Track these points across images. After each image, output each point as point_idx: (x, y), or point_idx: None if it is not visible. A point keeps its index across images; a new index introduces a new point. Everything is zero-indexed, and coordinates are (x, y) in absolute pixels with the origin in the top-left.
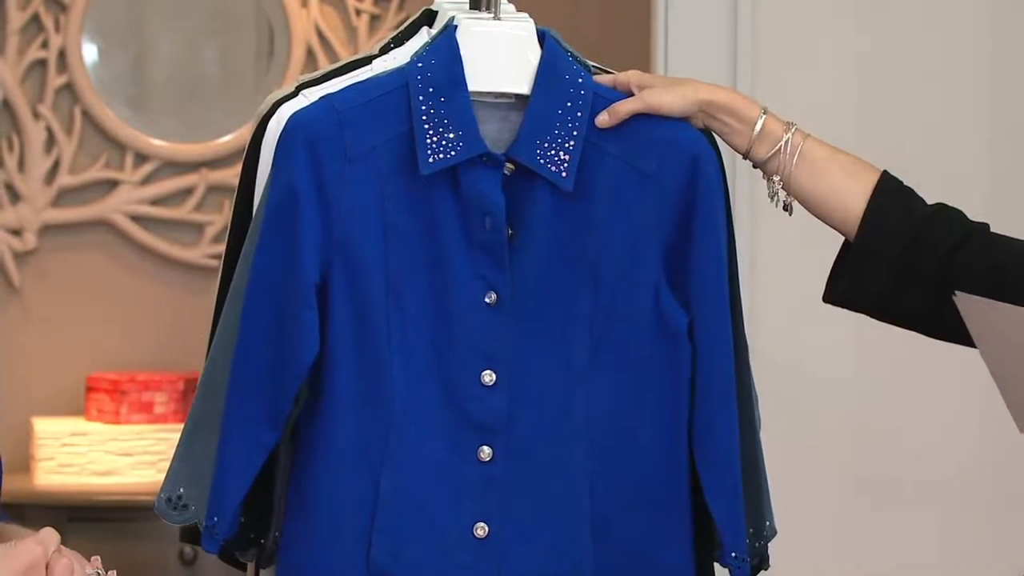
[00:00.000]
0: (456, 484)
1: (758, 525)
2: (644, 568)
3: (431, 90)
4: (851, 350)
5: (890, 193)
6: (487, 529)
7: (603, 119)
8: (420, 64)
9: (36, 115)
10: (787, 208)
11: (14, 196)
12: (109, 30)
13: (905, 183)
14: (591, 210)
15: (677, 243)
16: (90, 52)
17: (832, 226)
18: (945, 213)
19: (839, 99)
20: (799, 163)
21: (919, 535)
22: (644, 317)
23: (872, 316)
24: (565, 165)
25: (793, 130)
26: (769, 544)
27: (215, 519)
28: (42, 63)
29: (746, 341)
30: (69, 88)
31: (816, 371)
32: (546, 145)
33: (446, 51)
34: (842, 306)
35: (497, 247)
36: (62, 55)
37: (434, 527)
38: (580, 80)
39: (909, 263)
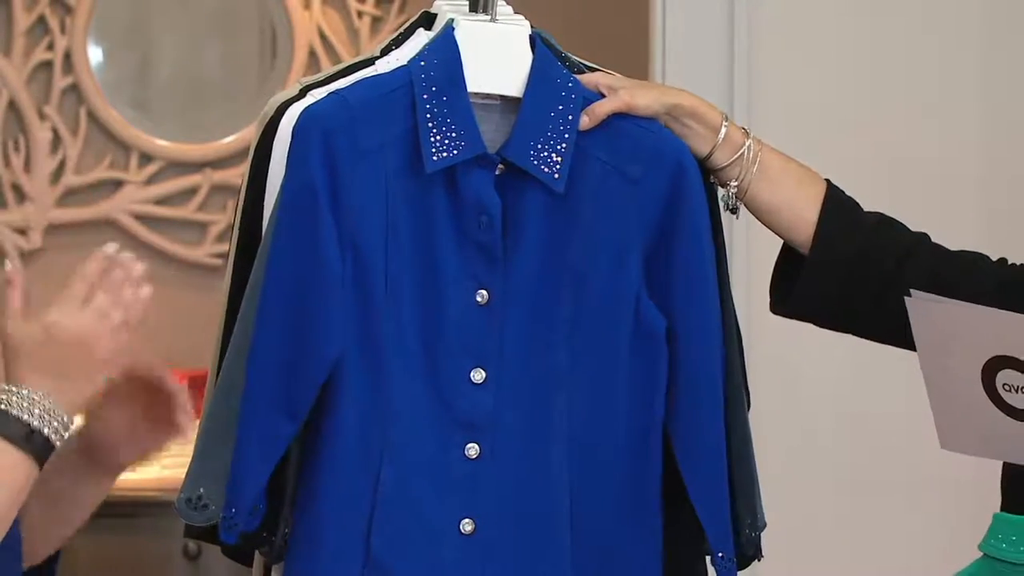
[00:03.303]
0: (445, 480)
1: (752, 517)
2: (618, 567)
3: (434, 89)
4: (846, 349)
5: (838, 205)
6: (474, 525)
7: (584, 121)
8: (423, 63)
9: (42, 116)
10: (734, 211)
11: (20, 196)
12: (114, 32)
13: (898, 184)
14: (578, 213)
15: (659, 248)
16: (95, 54)
17: (779, 233)
18: (889, 224)
19: (835, 99)
20: (758, 172)
21: (913, 533)
22: (625, 320)
23: (816, 324)
24: (557, 167)
25: (752, 137)
26: (762, 537)
27: (232, 510)
28: (48, 64)
29: (739, 339)
30: (75, 89)
31: (812, 370)
32: (539, 146)
33: (446, 51)
34: (792, 316)
35: (491, 247)
36: (68, 56)
37: (425, 523)
38: (571, 84)
39: (859, 273)
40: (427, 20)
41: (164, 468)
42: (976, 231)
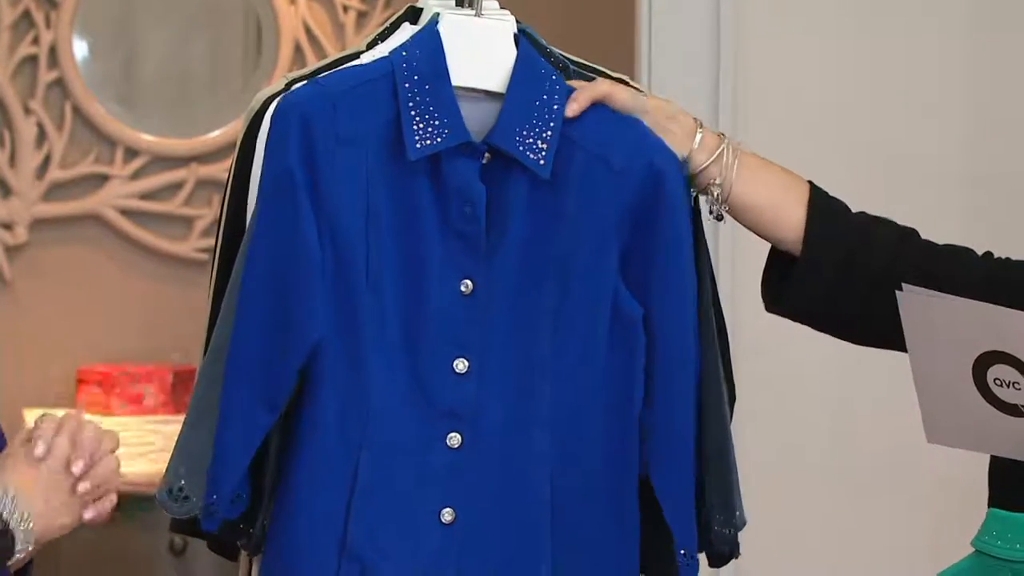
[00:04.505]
0: (426, 470)
1: (728, 512)
2: (597, 557)
3: (416, 78)
4: (832, 345)
5: (824, 204)
6: (454, 515)
7: (572, 108)
8: (405, 53)
9: (27, 110)
10: (720, 217)
11: (5, 190)
12: (99, 26)
13: (884, 180)
14: (563, 202)
15: (638, 237)
16: (80, 48)
17: (764, 234)
18: (878, 221)
19: (821, 98)
20: (739, 172)
21: (900, 528)
22: (604, 309)
23: (811, 325)
24: (543, 153)
25: (727, 140)
26: (748, 535)
27: (214, 497)
28: (33, 59)
29: (722, 332)
30: (60, 84)
31: (798, 365)
32: (525, 133)
33: (429, 43)
34: (787, 316)
35: (475, 236)
36: (53, 51)
37: (405, 512)
38: (555, 77)
39: (850, 273)
40: (413, 14)
41: (149, 463)
42: (963, 227)
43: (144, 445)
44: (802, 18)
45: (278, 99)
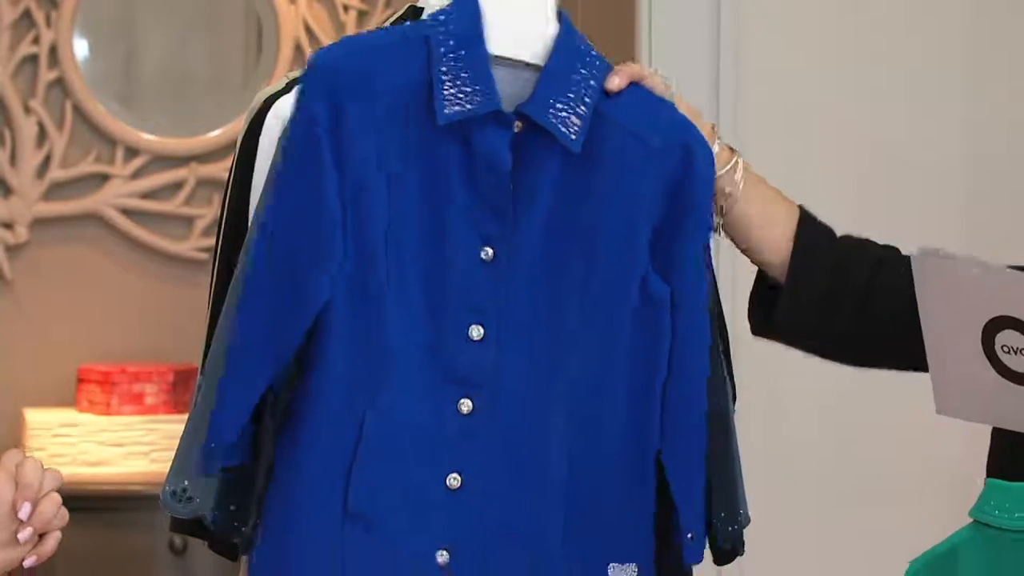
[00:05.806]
0: (435, 434)
1: (732, 510)
2: (610, 537)
3: (451, 42)
4: None
5: (811, 229)
6: (460, 480)
7: (613, 82)
8: (442, 17)
9: (27, 110)
10: (715, 230)
11: (6, 190)
12: (100, 26)
13: (884, 182)
14: (594, 176)
15: (668, 216)
16: (81, 47)
17: (751, 255)
18: (860, 244)
19: (821, 98)
20: (745, 186)
21: (899, 530)
22: (632, 288)
23: (797, 348)
24: (576, 128)
25: (738, 154)
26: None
27: (212, 445)
28: (33, 58)
29: (723, 329)
30: (60, 83)
31: (796, 365)
32: (559, 106)
33: (468, 9)
34: (775, 340)
35: (499, 204)
36: (53, 50)
37: (410, 475)
38: (594, 53)
39: (836, 294)
40: (414, 14)
41: (150, 462)
42: (963, 227)
43: (145, 444)
44: (802, 18)
45: (311, 55)
